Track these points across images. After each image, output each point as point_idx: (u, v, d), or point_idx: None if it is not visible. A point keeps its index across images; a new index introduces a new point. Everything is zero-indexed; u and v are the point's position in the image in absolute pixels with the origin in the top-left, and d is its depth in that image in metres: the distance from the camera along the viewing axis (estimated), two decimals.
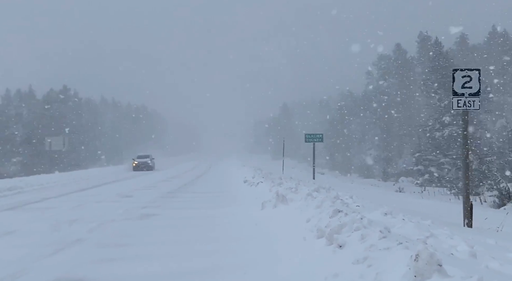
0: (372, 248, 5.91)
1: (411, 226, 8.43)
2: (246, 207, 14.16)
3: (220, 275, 6.70)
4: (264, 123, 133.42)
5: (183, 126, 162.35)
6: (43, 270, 7.06)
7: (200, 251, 8.19)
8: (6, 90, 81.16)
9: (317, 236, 7.77)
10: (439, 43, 48.06)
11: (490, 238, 9.21)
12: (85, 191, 21.98)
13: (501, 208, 23.65)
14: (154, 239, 9.53)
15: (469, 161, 12.69)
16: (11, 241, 9.39)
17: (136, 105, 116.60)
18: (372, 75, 67.68)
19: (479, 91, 11.76)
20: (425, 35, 57.80)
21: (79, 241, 9.19)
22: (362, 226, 7.04)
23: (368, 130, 66.05)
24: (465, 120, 12.15)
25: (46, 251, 8.25)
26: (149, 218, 12.60)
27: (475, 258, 6.41)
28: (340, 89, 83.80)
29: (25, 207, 15.69)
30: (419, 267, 4.57)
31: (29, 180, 27.90)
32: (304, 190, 14.39)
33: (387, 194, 29.90)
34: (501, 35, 58.71)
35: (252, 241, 8.84)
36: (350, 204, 12.58)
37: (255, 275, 6.61)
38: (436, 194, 33.62)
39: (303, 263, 6.82)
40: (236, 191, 20.91)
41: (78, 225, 11.18)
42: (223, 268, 7.01)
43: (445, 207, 21.38)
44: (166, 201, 17.17)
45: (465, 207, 11.95)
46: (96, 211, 14.09)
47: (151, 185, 25.98)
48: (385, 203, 14.75)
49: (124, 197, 18.59)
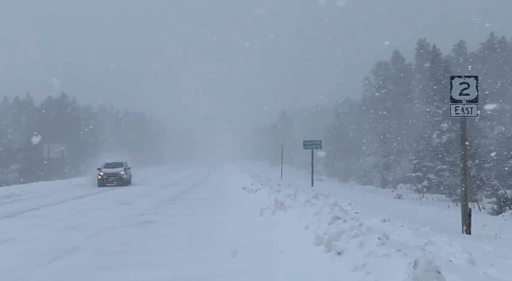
0: (371, 255, 5.90)
1: (410, 233, 8.43)
2: (245, 214, 14.13)
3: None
4: (262, 130, 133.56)
5: (181, 133, 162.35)
6: (41, 278, 7.02)
7: (197, 259, 8.16)
8: (4, 97, 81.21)
9: (316, 243, 7.76)
10: (437, 50, 48.21)
11: (489, 245, 9.19)
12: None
13: (500, 214, 23.68)
14: (152, 246, 9.49)
15: (468, 168, 12.70)
16: (8, 249, 9.35)
17: (134, 112, 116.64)
18: (370, 82, 67.82)
19: (476, 98, 11.80)
20: (423, 42, 57.99)
21: (76, 249, 9.16)
22: (361, 233, 7.03)
23: (367, 137, 66.11)
24: (463, 127, 12.18)
25: (44, 259, 8.21)
26: (147, 225, 12.56)
27: (473, 265, 6.40)
28: (338, 96, 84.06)
29: (23, 214, 15.65)
30: (417, 274, 4.56)
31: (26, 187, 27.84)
32: (303, 197, 14.38)
33: (386, 200, 29.88)
34: (500, 42, 58.91)
35: (250, 248, 8.81)
36: (349, 211, 12.57)
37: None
38: (434, 201, 33.63)
39: (302, 270, 6.80)
40: (234, 198, 20.87)
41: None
42: (220, 276, 6.99)
43: (443, 213, 21.38)
44: (164, 208, 17.13)
45: (464, 213, 11.94)
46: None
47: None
48: (383, 210, 14.75)
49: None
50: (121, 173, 32.33)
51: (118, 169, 32.65)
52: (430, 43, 53.78)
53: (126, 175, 32.76)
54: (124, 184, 32.13)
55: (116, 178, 32.04)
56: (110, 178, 31.89)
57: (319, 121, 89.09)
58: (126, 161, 34.91)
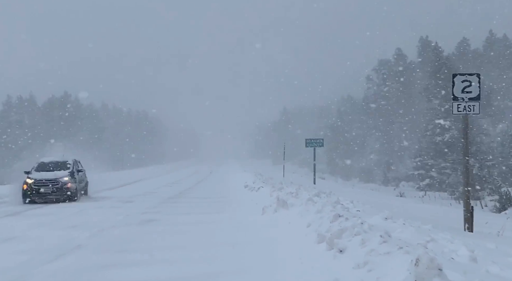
0: (373, 253, 5.91)
1: (412, 230, 8.43)
2: (247, 212, 14.16)
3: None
4: (265, 128, 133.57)
5: (183, 132, 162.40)
6: (43, 277, 7.03)
7: (200, 257, 8.17)
8: (7, 96, 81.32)
9: (318, 241, 7.77)
10: (439, 48, 48.14)
11: (491, 243, 9.19)
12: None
13: (502, 212, 23.63)
14: (154, 244, 9.51)
15: (470, 166, 12.69)
16: (11, 248, 9.37)
17: (137, 110, 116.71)
18: (372, 79, 67.78)
19: (479, 95, 11.79)
20: (426, 40, 57.93)
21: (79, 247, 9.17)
22: (363, 230, 7.04)
23: (369, 135, 66.08)
24: (465, 124, 12.17)
25: (46, 258, 8.23)
26: (149, 223, 12.58)
27: (475, 263, 6.40)
28: (341, 93, 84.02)
29: (25, 213, 15.69)
30: (419, 272, 4.57)
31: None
32: (305, 195, 14.39)
33: (388, 198, 29.85)
34: (502, 40, 58.78)
35: (252, 246, 8.82)
36: (351, 209, 12.58)
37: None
38: (437, 199, 33.58)
39: (304, 268, 6.81)
40: (236, 196, 20.92)
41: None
42: (222, 274, 7.00)
43: (445, 211, 21.38)
44: (166, 207, 17.16)
45: (466, 211, 11.95)
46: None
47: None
48: (385, 208, 14.75)
49: None
50: (64, 180, 19.71)
51: (58, 172, 20.07)
52: (433, 40, 53.76)
53: (73, 183, 20.02)
54: (68, 197, 19.54)
55: (55, 187, 19.44)
56: (43, 188, 19.28)
57: (321, 119, 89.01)
58: (77, 160, 22.44)
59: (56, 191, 19.39)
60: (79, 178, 20.99)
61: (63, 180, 19.69)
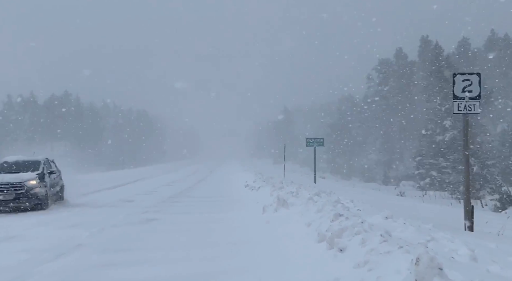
0: (373, 252, 5.91)
1: (412, 230, 8.43)
2: (247, 212, 14.15)
3: (219, 280, 6.69)
4: (265, 127, 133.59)
5: (184, 131, 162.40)
6: (44, 276, 7.02)
7: (200, 256, 8.17)
8: (8, 96, 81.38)
9: (318, 240, 7.77)
10: (439, 47, 48.11)
11: (491, 242, 9.19)
12: None
13: (502, 212, 23.63)
14: (155, 244, 9.51)
15: (470, 165, 12.69)
16: (11, 246, 9.36)
17: (137, 109, 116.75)
18: (373, 79, 67.78)
19: (479, 95, 11.77)
20: (426, 39, 57.90)
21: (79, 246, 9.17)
22: (363, 230, 7.04)
23: (369, 134, 66.09)
24: (465, 124, 12.16)
25: (47, 257, 8.22)
26: (150, 222, 12.58)
27: (476, 262, 6.40)
28: (341, 93, 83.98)
29: (26, 212, 15.66)
30: (419, 271, 4.56)
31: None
32: (305, 194, 14.39)
33: (388, 198, 29.83)
34: (503, 39, 58.77)
35: (252, 246, 8.82)
36: (351, 208, 12.58)
37: (254, 280, 6.59)
38: (437, 198, 33.57)
39: (304, 268, 6.81)
40: (237, 195, 20.90)
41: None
42: (223, 273, 7.00)
43: (446, 211, 21.35)
44: (166, 206, 17.15)
45: (466, 211, 11.94)
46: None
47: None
48: (386, 207, 14.73)
49: None
50: (30, 184, 15.97)
51: (24, 174, 16.36)
52: (433, 39, 53.73)
53: (43, 187, 16.28)
54: (35, 205, 15.93)
55: (18, 193, 15.65)
56: (1, 195, 15.49)
57: (321, 118, 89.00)
58: (50, 159, 18.63)
59: (20, 197, 15.54)
60: (51, 181, 17.09)
61: (29, 184, 15.85)
